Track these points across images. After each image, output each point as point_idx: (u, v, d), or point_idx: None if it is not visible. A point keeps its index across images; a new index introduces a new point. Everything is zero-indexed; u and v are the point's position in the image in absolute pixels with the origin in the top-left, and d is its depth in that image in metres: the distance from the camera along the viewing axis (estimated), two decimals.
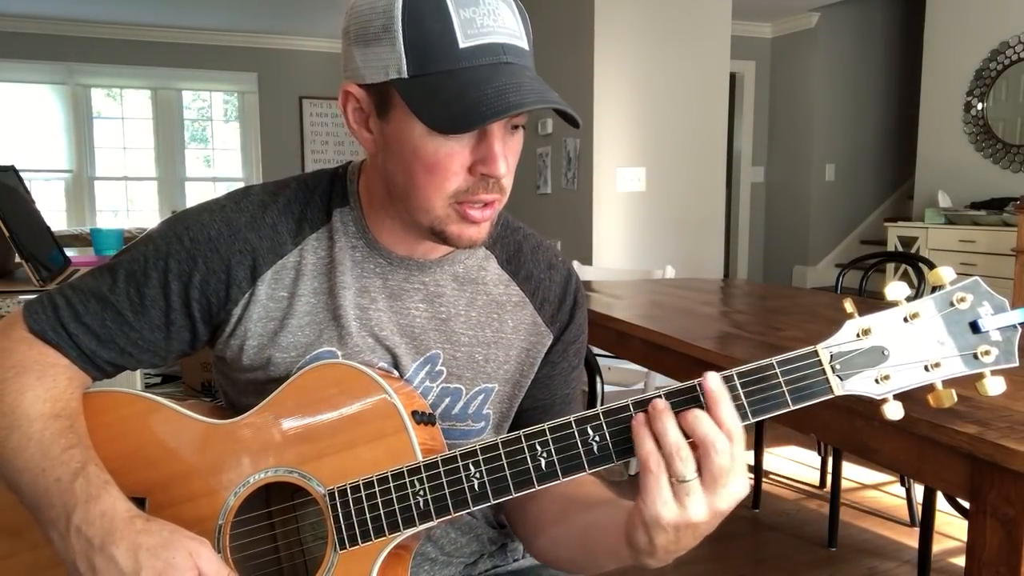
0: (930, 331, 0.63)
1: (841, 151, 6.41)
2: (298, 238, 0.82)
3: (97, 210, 6.60)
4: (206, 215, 0.82)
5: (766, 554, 2.39)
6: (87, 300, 0.80)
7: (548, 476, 0.67)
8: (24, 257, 1.56)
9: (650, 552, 0.65)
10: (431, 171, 0.72)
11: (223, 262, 0.80)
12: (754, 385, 0.65)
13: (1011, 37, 4.57)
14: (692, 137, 4.25)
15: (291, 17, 6.13)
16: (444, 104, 0.68)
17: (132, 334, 0.80)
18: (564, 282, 0.92)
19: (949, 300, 0.63)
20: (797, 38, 6.42)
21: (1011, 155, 4.62)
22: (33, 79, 6.23)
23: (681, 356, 1.66)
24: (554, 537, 0.84)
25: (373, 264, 0.83)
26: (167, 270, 0.79)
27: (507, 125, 0.74)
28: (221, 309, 0.82)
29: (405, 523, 0.70)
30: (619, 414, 0.66)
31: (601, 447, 0.66)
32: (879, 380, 0.64)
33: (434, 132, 0.70)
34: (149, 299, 0.80)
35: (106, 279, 0.80)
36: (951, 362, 0.63)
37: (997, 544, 0.98)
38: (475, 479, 0.68)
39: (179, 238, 0.80)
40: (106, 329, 0.80)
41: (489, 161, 0.72)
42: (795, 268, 6.61)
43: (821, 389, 0.64)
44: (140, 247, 0.82)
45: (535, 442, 0.67)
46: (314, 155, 7.02)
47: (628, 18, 4.04)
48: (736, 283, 3.97)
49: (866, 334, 0.64)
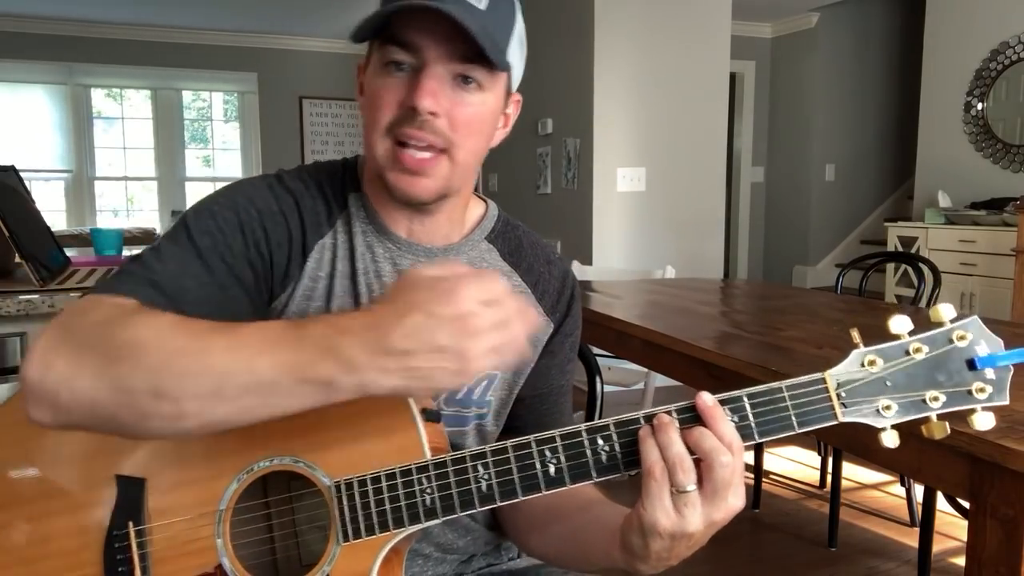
0: (930, 366, 0.67)
1: (841, 151, 6.41)
2: (331, 220, 0.85)
3: (97, 210, 6.60)
4: (258, 190, 0.81)
5: (766, 554, 2.39)
6: (180, 276, 0.73)
7: (556, 482, 0.68)
8: (24, 257, 1.56)
9: (643, 557, 0.67)
10: (372, 106, 0.78)
11: (286, 233, 0.81)
12: (763, 407, 0.67)
13: (1011, 37, 4.57)
14: (692, 137, 4.26)
15: (291, 17, 6.13)
16: (362, 21, 0.74)
17: (232, 306, 0.76)
18: (562, 276, 0.96)
19: (949, 337, 0.66)
20: (797, 38, 6.42)
21: (1011, 155, 4.62)
22: (33, 79, 6.23)
23: (681, 356, 1.66)
24: (546, 536, 0.86)
25: (383, 249, 0.86)
26: (245, 239, 0.78)
27: (453, 75, 0.76)
28: (280, 282, 0.82)
29: (411, 520, 0.70)
30: (629, 426, 0.67)
31: (610, 456, 0.67)
32: (880, 410, 0.67)
33: (383, 72, 0.76)
34: (237, 269, 0.77)
35: (190, 254, 0.75)
36: (948, 396, 0.66)
37: (997, 544, 0.98)
38: (483, 480, 0.69)
39: (246, 210, 0.79)
40: (208, 303, 0.74)
41: (414, 92, 0.74)
42: (795, 268, 6.61)
43: (826, 415, 0.67)
44: (207, 221, 0.77)
45: (545, 448, 0.68)
46: (314, 155, 7.02)
47: (628, 18, 4.04)
48: (736, 283, 3.97)
49: (871, 364, 0.67)
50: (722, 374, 1.52)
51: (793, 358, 1.44)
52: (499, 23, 0.77)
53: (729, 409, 0.66)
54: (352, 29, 0.75)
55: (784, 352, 1.50)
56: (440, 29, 0.73)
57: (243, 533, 0.77)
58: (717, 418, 0.65)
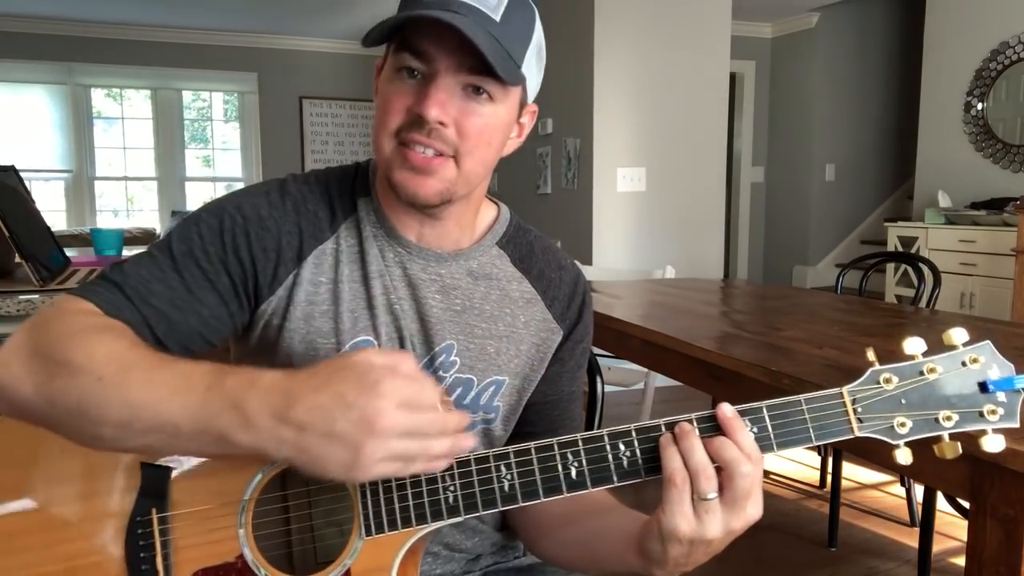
0: (943, 386, 0.69)
1: (841, 151, 6.41)
2: (334, 225, 0.85)
3: (97, 210, 6.60)
4: (252, 197, 0.83)
5: (766, 554, 2.39)
6: (149, 281, 0.76)
7: (578, 484, 0.69)
8: (24, 257, 1.56)
9: (661, 562, 0.69)
10: (382, 111, 0.78)
11: (274, 240, 0.81)
12: (781, 419, 0.69)
13: (1011, 37, 4.57)
14: (692, 137, 4.26)
15: (291, 17, 6.13)
16: (375, 27, 0.74)
17: (203, 311, 0.78)
18: (573, 282, 0.95)
19: (962, 360, 0.69)
20: (797, 38, 6.42)
21: (1011, 155, 4.62)
22: (33, 79, 6.23)
23: (681, 356, 1.66)
24: (558, 540, 0.86)
25: (393, 253, 0.85)
26: (224, 245, 0.79)
27: (464, 85, 0.75)
28: (267, 287, 0.82)
29: (433, 516, 0.71)
30: (651, 432, 0.69)
31: (631, 462, 0.69)
32: (895, 427, 0.69)
33: (396, 78, 0.77)
34: (212, 274, 0.79)
35: (164, 259, 0.78)
36: (960, 417, 0.68)
37: (997, 544, 0.98)
38: (506, 480, 0.70)
39: (231, 216, 0.80)
40: (176, 309, 0.76)
41: (420, 100, 0.75)
42: (795, 268, 6.61)
43: (842, 429, 0.69)
44: (190, 227, 0.80)
45: (567, 451, 0.70)
46: (314, 155, 7.02)
47: (628, 18, 4.04)
48: (736, 283, 3.97)
49: (886, 382, 0.69)
50: (722, 374, 1.52)
51: (793, 358, 1.44)
52: (515, 35, 0.77)
53: (749, 419, 0.68)
54: (366, 32, 0.75)
55: (784, 352, 1.50)
56: (452, 39, 0.73)
57: (263, 525, 0.77)
58: (738, 429, 0.66)
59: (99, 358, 0.65)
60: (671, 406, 3.84)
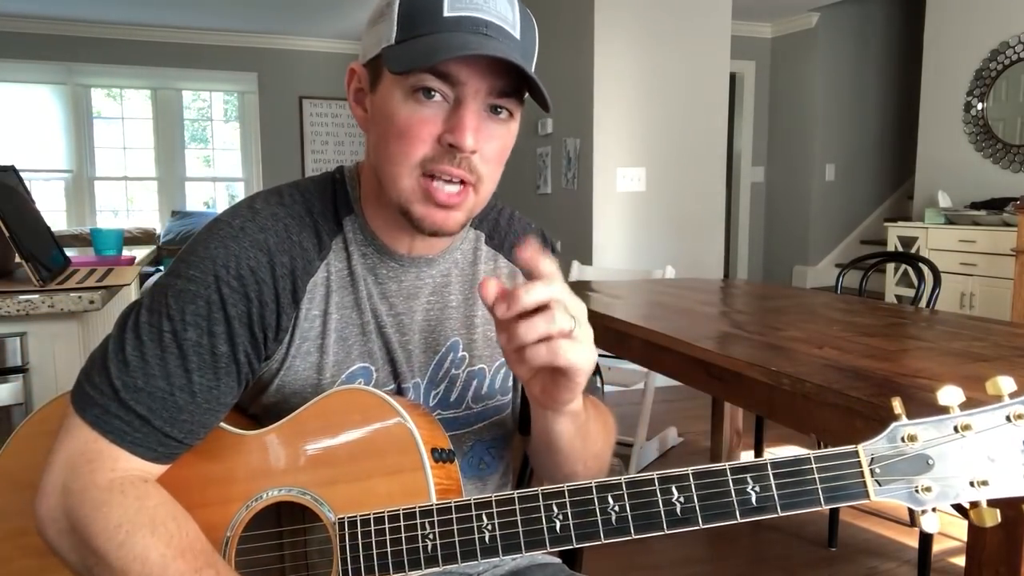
0: (982, 446, 0.60)
1: (841, 151, 6.41)
2: (323, 253, 0.81)
3: (97, 210, 6.60)
4: (233, 245, 0.75)
5: (766, 554, 2.39)
6: (172, 394, 0.72)
7: (561, 540, 0.66)
8: (24, 257, 1.56)
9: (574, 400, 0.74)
10: (402, 137, 0.73)
11: (272, 291, 0.77)
12: (787, 478, 0.63)
13: (1011, 37, 4.57)
14: (692, 137, 4.26)
15: (291, 17, 6.13)
16: (408, 52, 0.70)
17: (226, 399, 0.76)
18: (539, 241, 0.96)
19: (1006, 415, 0.59)
20: (797, 38, 6.42)
21: (1011, 155, 4.62)
22: (33, 79, 6.23)
23: (681, 356, 1.66)
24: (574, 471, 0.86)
25: (386, 269, 0.84)
26: (229, 318, 0.74)
27: (486, 106, 0.74)
28: (273, 340, 0.78)
29: (411, 565, 0.68)
30: (642, 487, 0.65)
31: (620, 518, 0.65)
32: (919, 490, 0.61)
33: (410, 99, 0.72)
34: (226, 358, 0.74)
35: (174, 357, 0.73)
36: (1001, 481, 0.59)
37: (997, 544, 0.98)
38: (486, 531, 0.67)
39: (225, 281, 0.74)
40: (207, 413, 0.74)
41: (456, 130, 0.71)
42: (795, 268, 6.61)
43: (857, 492, 0.62)
44: (186, 304, 0.74)
45: (552, 502, 0.66)
46: (314, 155, 7.02)
47: (628, 18, 4.04)
48: (736, 283, 3.97)
49: (912, 440, 0.61)
50: (722, 374, 1.52)
51: (793, 358, 1.44)
52: (530, 49, 0.76)
53: (751, 478, 0.63)
54: (397, 62, 0.70)
55: (784, 352, 1.50)
56: (483, 63, 0.70)
57: (252, 562, 0.77)
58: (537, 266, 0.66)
59: (135, 572, 0.68)
60: (671, 406, 3.84)
